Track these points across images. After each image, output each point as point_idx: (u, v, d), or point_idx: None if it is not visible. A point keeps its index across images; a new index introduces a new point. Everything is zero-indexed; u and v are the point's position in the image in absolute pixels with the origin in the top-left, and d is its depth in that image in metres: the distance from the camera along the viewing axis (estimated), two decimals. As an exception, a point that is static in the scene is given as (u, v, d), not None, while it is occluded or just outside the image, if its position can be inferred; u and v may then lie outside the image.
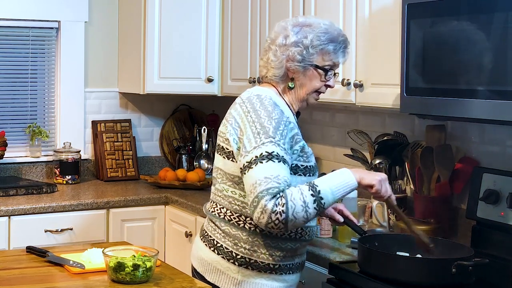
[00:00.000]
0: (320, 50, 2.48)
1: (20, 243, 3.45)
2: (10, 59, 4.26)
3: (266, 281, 2.47)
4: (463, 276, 2.32)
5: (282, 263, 2.49)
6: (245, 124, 2.40)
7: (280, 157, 2.31)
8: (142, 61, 4.18)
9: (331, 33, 2.49)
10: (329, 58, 2.49)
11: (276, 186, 2.26)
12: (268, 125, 2.35)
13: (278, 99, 2.49)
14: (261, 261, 2.46)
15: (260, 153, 2.31)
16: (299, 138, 2.44)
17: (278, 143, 2.33)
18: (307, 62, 2.48)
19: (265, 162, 2.30)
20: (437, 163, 2.96)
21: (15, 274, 2.43)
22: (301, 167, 2.44)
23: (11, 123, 4.29)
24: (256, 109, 2.40)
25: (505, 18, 2.33)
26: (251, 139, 2.35)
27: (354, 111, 3.55)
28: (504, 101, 2.32)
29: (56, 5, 4.29)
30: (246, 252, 2.46)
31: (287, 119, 2.41)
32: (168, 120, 4.68)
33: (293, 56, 2.48)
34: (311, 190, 2.29)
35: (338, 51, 2.50)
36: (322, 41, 2.47)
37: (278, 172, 2.29)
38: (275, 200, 2.25)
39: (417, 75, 2.66)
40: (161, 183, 4.16)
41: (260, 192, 2.26)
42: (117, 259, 2.32)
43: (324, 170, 3.67)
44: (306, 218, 2.29)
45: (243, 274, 2.47)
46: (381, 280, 2.40)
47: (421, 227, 2.85)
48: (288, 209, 2.25)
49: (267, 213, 2.25)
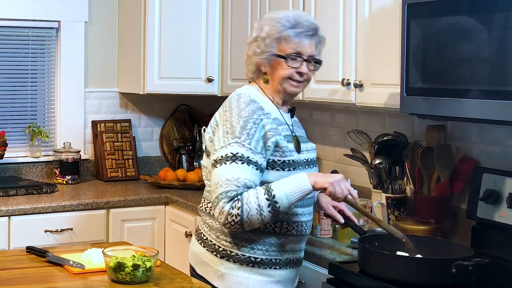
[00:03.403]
0: (276, 38, 2.53)
1: (20, 243, 3.45)
2: (10, 59, 4.26)
3: (249, 275, 2.51)
4: (463, 276, 2.32)
5: (265, 257, 2.52)
6: (220, 123, 2.51)
7: (245, 158, 2.40)
8: (142, 61, 4.18)
9: (289, 21, 2.53)
10: (288, 44, 2.53)
11: (234, 190, 2.37)
12: (236, 125, 2.45)
13: (258, 96, 2.57)
14: (242, 254, 2.51)
15: (226, 153, 2.42)
16: (272, 134, 2.47)
17: (243, 144, 2.42)
18: (267, 53, 2.54)
19: (228, 163, 2.41)
20: (437, 163, 2.96)
21: (15, 274, 2.43)
22: (278, 162, 2.49)
23: (11, 123, 4.29)
24: (231, 108, 2.50)
25: (505, 18, 2.33)
26: (221, 138, 2.46)
27: (354, 111, 3.55)
28: (504, 101, 2.32)
29: (56, 5, 4.29)
30: (227, 245, 2.52)
31: (258, 117, 2.47)
32: (168, 120, 4.68)
33: (254, 51, 2.57)
34: (267, 194, 2.37)
35: (299, 36, 2.53)
36: (277, 29, 2.53)
37: (239, 175, 2.38)
38: (232, 203, 2.37)
39: (417, 75, 2.66)
40: (161, 183, 4.16)
41: (220, 193, 2.39)
42: (117, 259, 2.32)
43: (324, 170, 3.67)
44: (262, 220, 2.39)
45: (225, 266, 2.53)
46: (381, 280, 2.40)
47: (421, 227, 2.85)
48: (243, 212, 2.36)
49: (224, 215, 2.37)
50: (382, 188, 3.19)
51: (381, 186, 3.20)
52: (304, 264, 2.82)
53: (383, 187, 3.18)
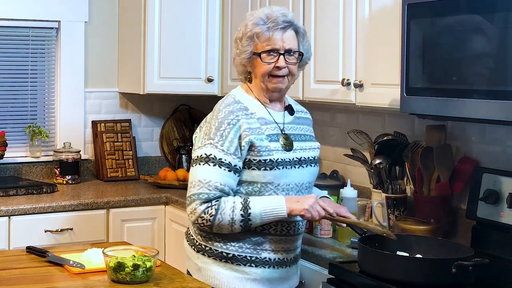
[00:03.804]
0: (249, 37, 2.56)
1: (20, 243, 3.45)
2: (10, 59, 4.26)
3: (223, 270, 2.55)
4: (463, 276, 2.32)
5: (238, 254, 2.54)
6: (205, 123, 2.58)
7: (217, 160, 2.47)
8: (142, 61, 4.18)
9: (259, 18, 2.55)
10: (261, 40, 2.55)
11: (206, 193, 2.46)
12: (212, 126, 2.52)
13: (244, 96, 2.61)
14: (215, 249, 2.56)
15: (200, 154, 2.51)
16: (246, 134, 2.50)
17: (216, 145, 2.49)
18: (245, 52, 2.58)
19: (202, 164, 2.49)
20: (437, 163, 2.95)
21: (15, 274, 2.43)
22: (254, 162, 2.51)
23: (11, 123, 4.29)
24: (215, 110, 2.59)
25: (505, 18, 2.33)
26: (200, 138, 2.56)
27: (354, 111, 3.55)
28: (504, 101, 2.32)
29: (56, 5, 4.29)
30: (202, 240, 2.59)
31: (234, 117, 2.51)
32: (168, 120, 4.68)
33: (235, 52, 2.62)
34: (243, 210, 2.45)
35: (269, 31, 2.54)
36: (248, 28, 2.57)
37: (210, 177, 2.47)
38: (205, 207, 2.46)
39: (417, 75, 2.66)
40: (161, 183, 4.16)
41: (193, 194, 2.49)
42: (117, 259, 2.32)
43: (324, 170, 3.67)
44: (231, 231, 2.49)
45: (201, 260, 2.59)
46: (381, 280, 2.40)
47: (421, 227, 2.85)
48: (215, 220, 2.46)
49: (195, 215, 2.48)
50: (382, 188, 3.19)
51: (381, 186, 3.20)
52: (304, 264, 2.82)
53: (383, 187, 3.18)
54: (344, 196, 3.01)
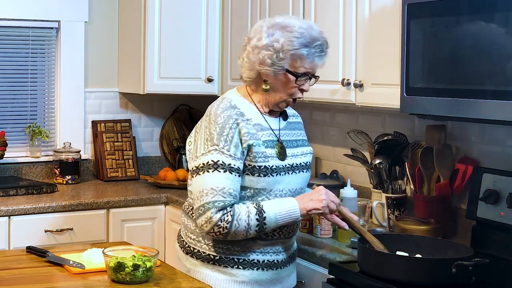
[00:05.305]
0: (291, 55, 2.46)
1: (20, 243, 3.45)
2: (10, 59, 4.26)
3: (211, 272, 2.54)
4: (463, 276, 2.32)
5: (226, 256, 2.53)
6: (201, 129, 2.52)
7: (226, 165, 2.42)
8: (142, 61, 4.18)
9: (305, 37, 2.46)
10: (302, 62, 2.47)
11: (222, 200, 2.40)
12: (213, 132, 2.46)
13: (241, 101, 2.55)
14: (203, 251, 2.55)
15: (207, 161, 2.43)
16: (245, 138, 2.46)
17: (222, 151, 2.43)
18: (277, 66, 2.47)
19: (211, 171, 2.42)
20: (437, 163, 2.95)
21: (15, 274, 2.43)
22: (248, 167, 2.48)
23: (11, 123, 4.29)
24: (210, 114, 2.51)
25: (505, 18, 2.33)
26: (202, 144, 2.47)
27: (354, 111, 3.55)
28: (504, 101, 2.32)
29: (56, 5, 4.29)
30: (191, 242, 2.58)
31: (234, 121, 2.46)
32: (168, 120, 4.68)
33: (263, 60, 2.47)
34: (258, 215, 2.42)
35: (312, 56, 2.48)
36: (294, 46, 2.45)
37: (223, 184, 2.41)
38: (221, 214, 2.39)
39: (417, 75, 2.66)
40: (161, 183, 4.16)
41: (207, 203, 2.40)
42: (117, 259, 2.32)
43: (324, 170, 3.67)
44: (246, 236, 2.45)
45: (190, 262, 2.59)
46: (381, 280, 2.40)
47: (421, 227, 2.85)
48: (231, 227, 2.40)
49: (211, 224, 2.40)
50: (382, 188, 3.19)
51: (381, 186, 3.20)
52: (304, 264, 2.82)
53: (383, 187, 3.18)
54: (344, 196, 3.01)
